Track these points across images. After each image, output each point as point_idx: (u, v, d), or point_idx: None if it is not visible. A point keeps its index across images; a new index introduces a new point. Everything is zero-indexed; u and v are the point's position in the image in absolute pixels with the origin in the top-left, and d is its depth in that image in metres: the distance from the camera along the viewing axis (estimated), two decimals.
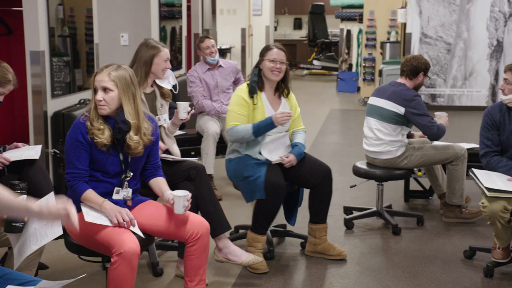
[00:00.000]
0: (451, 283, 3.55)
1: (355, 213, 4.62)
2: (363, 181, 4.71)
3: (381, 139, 4.39)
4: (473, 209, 4.55)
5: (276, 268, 3.75)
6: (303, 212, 4.11)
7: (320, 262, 3.85)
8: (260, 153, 3.73)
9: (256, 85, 3.80)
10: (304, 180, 3.82)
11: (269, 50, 3.80)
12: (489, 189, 3.41)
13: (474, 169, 3.72)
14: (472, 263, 3.83)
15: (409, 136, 4.68)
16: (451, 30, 9.70)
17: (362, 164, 4.55)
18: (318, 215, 3.88)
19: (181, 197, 2.89)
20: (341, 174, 6.03)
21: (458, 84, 9.78)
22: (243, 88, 3.82)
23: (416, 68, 4.36)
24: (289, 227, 4.22)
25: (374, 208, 4.57)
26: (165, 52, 3.72)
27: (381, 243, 4.22)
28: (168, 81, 3.87)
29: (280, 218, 3.98)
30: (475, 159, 4.48)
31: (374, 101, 4.45)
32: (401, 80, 4.42)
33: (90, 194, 2.87)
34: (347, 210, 4.70)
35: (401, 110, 4.29)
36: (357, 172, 4.53)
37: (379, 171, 4.42)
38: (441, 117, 4.44)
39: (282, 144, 3.83)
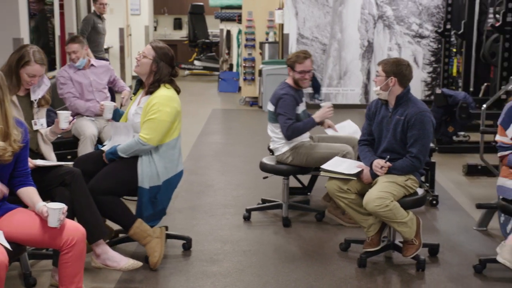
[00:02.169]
0: (328, 275, 3.68)
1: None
2: (267, 175, 4.82)
3: (271, 137, 4.60)
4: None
5: (156, 272, 3.70)
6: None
7: (197, 265, 3.84)
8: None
9: (138, 83, 3.88)
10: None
11: None
12: (324, 170, 3.85)
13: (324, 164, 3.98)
14: (347, 255, 3.99)
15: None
16: (325, 31, 10.06)
17: (268, 160, 4.69)
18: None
19: (56, 210, 2.76)
20: (223, 173, 6.07)
21: (334, 83, 10.18)
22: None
23: (288, 64, 4.51)
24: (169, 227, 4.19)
25: (280, 201, 4.69)
26: (34, 68, 3.54)
27: (267, 238, 4.28)
28: (37, 93, 3.69)
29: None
30: None
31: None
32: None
33: None
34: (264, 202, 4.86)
35: (274, 108, 4.45)
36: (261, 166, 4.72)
37: (270, 166, 4.60)
38: (322, 108, 4.58)
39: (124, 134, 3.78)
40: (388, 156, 3.74)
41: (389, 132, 3.81)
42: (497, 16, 7.81)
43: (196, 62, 14.62)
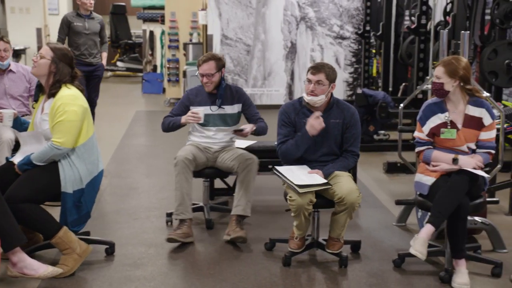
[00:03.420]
0: (253, 275, 3.69)
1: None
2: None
3: None
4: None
5: (77, 279, 3.60)
6: None
7: (120, 270, 3.76)
8: None
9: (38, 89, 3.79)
10: None
11: None
12: (300, 186, 3.61)
13: (276, 167, 3.91)
14: (272, 254, 4.02)
15: None
16: (249, 32, 10.12)
17: None
18: None
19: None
20: (147, 176, 5.98)
21: (258, 84, 10.25)
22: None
23: None
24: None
25: (201, 204, 4.64)
26: None
27: (199, 241, 4.23)
28: None
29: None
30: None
31: None
32: None
33: None
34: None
35: None
36: None
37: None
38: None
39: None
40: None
41: (327, 137, 3.88)
42: (413, 18, 8.11)
43: (119, 63, 14.36)
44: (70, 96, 3.58)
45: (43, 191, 3.54)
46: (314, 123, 3.76)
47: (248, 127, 4.38)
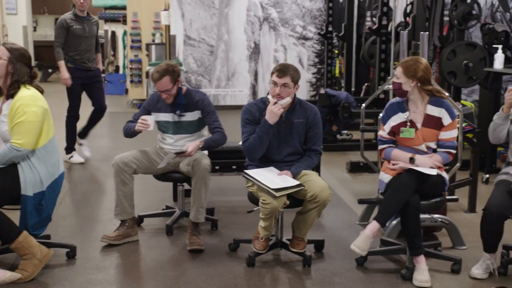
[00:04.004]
0: (217, 276, 3.68)
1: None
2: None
3: None
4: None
5: (37, 283, 3.53)
6: None
7: (82, 273, 3.71)
8: None
9: None
10: None
11: None
12: (276, 190, 3.61)
13: (246, 171, 3.90)
14: (237, 254, 4.02)
15: None
16: (212, 32, 10.09)
17: None
18: None
19: None
20: (110, 178, 5.88)
21: (222, 84, 10.23)
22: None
23: None
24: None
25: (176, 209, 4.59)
26: None
27: (156, 243, 4.21)
28: None
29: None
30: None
31: None
32: None
33: None
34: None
35: None
36: None
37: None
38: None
39: None
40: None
41: (292, 136, 3.90)
42: (374, 19, 8.21)
43: None
44: (30, 96, 3.52)
45: (2, 194, 3.46)
46: (274, 109, 3.76)
47: (191, 146, 4.19)
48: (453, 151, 3.75)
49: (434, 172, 3.62)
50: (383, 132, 3.83)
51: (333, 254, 4.05)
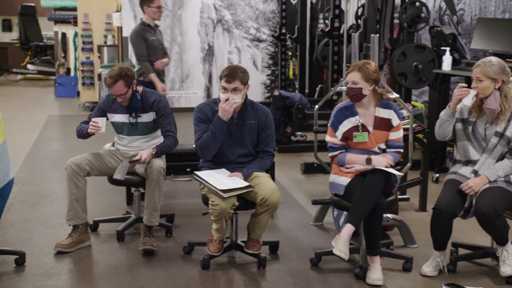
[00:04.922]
0: (171, 279, 3.65)
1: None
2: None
3: None
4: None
5: None
6: None
7: (32, 280, 3.62)
8: None
9: None
10: None
11: None
12: (224, 191, 3.60)
13: (196, 172, 3.88)
14: (191, 257, 3.99)
15: None
16: (166, 34, 10.00)
17: None
18: None
19: None
20: (61, 182, 5.77)
21: (176, 86, 10.16)
22: None
23: None
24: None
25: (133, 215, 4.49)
26: None
27: (109, 248, 4.14)
28: None
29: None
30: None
31: None
32: None
33: None
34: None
35: None
36: None
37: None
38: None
39: None
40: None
41: (243, 137, 3.89)
42: (326, 21, 8.31)
43: (30, 66, 13.83)
44: None
45: None
46: (225, 107, 3.76)
47: (145, 153, 4.12)
48: (402, 150, 3.86)
49: (395, 171, 3.70)
50: (335, 138, 3.83)
51: (288, 255, 4.06)
